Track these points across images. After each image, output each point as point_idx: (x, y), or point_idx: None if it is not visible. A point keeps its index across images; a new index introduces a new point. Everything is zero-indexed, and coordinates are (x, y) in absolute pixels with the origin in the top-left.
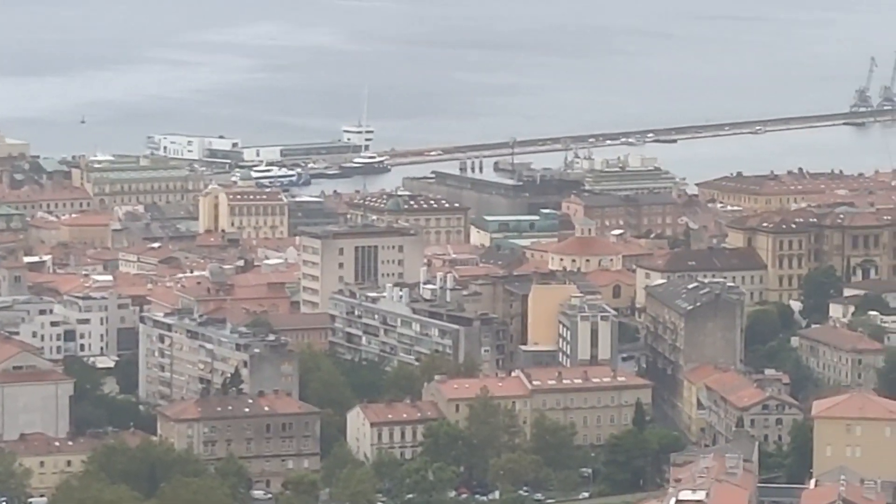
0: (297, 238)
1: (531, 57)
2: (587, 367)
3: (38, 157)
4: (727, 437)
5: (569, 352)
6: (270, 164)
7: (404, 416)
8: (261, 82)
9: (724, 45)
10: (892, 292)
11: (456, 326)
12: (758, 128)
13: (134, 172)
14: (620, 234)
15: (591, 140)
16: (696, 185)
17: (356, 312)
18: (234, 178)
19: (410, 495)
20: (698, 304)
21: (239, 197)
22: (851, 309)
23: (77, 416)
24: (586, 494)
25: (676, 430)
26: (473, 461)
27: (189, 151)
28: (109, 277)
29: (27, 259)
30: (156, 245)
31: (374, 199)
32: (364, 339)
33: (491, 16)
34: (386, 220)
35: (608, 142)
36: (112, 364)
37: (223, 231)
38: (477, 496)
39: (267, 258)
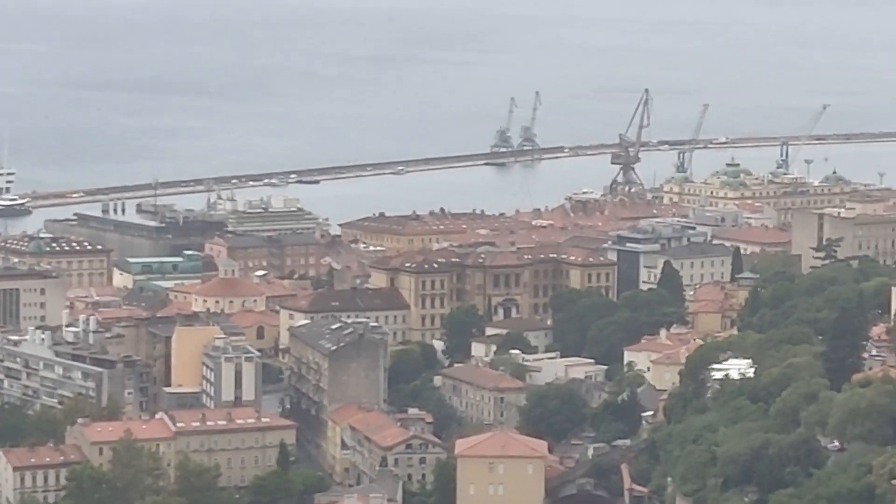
0: None
1: (181, 99)
2: (231, 408)
3: None
4: (371, 476)
5: (213, 393)
6: None
7: (47, 459)
8: None
9: (372, 86)
10: (533, 331)
11: (99, 369)
12: (400, 168)
13: None
14: (264, 275)
15: (234, 181)
16: (339, 225)
17: None
18: None
19: None
20: (342, 344)
21: None
22: (493, 348)
23: None
24: None
25: (321, 470)
26: None
27: None
28: None
29: None
30: None
31: (15, 242)
32: (6, 382)
33: (143, 59)
34: (27, 263)
35: (251, 183)
36: None
37: None
38: None
39: None
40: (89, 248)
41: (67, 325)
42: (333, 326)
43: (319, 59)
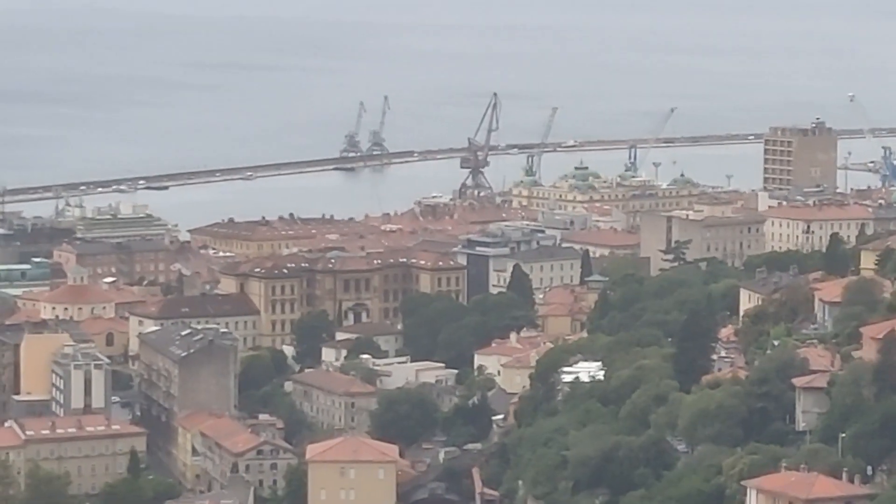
0: None
1: (27, 108)
2: (81, 415)
3: None
4: (222, 483)
5: (62, 401)
6: None
7: None
8: None
9: (221, 93)
10: (383, 335)
11: None
12: (249, 174)
13: None
14: (113, 282)
15: (82, 188)
16: (189, 231)
17: None
18: None
19: None
20: (192, 350)
21: None
22: (344, 353)
23: None
24: None
25: (172, 477)
26: None
27: None
28: None
29: None
30: None
31: None
32: None
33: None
34: None
35: (100, 189)
36: None
37: None
38: None
39: None
40: None
41: None
42: (183, 333)
43: (167, 66)
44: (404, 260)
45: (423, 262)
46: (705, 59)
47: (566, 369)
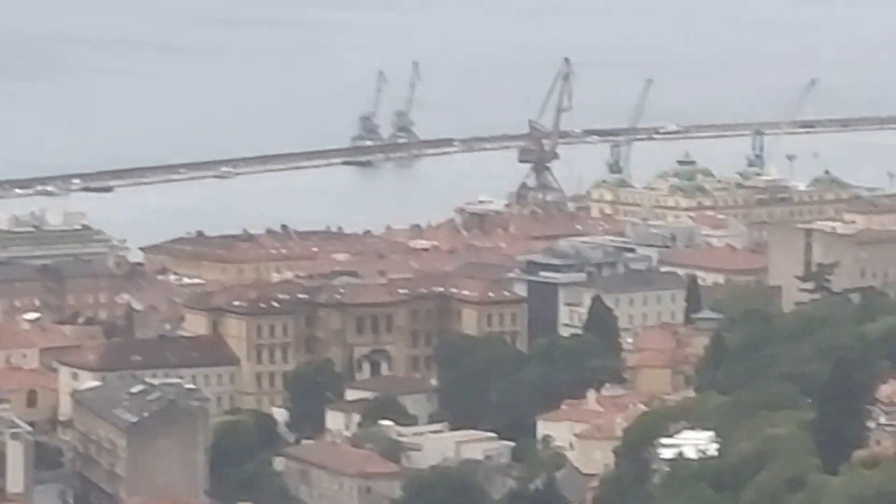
0: None
1: None
2: None
3: None
4: None
5: None
6: None
7: None
8: None
9: (200, 59)
10: (412, 394)
11: None
12: (226, 170)
13: None
14: (36, 319)
15: None
16: (141, 249)
17: None
18: None
19: None
20: (146, 414)
21: None
22: (357, 418)
23: None
24: None
25: None
26: None
27: None
28: None
29: None
30: None
31: None
32: None
33: None
34: None
35: (18, 191)
36: None
37: None
38: None
39: None
40: None
41: None
42: (134, 390)
43: (127, 23)
44: (441, 289)
45: (466, 293)
46: (861, 11)
47: (665, 441)
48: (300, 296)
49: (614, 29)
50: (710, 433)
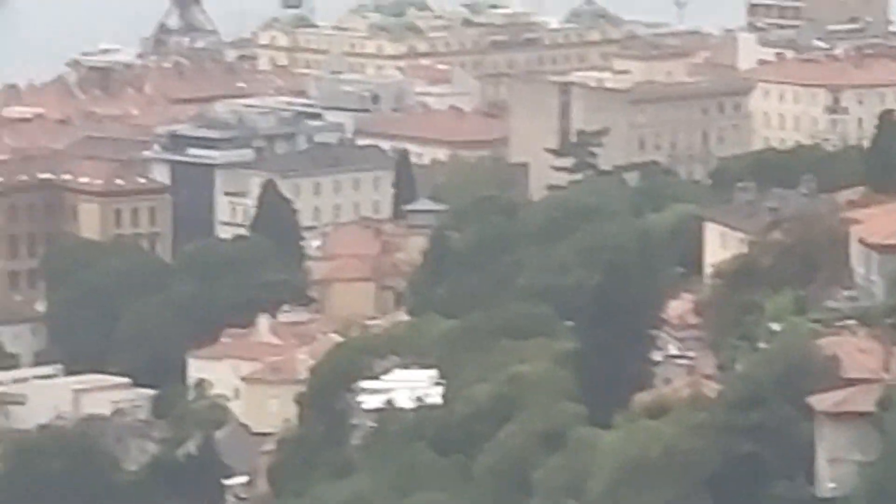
0: None
1: None
2: None
3: None
4: None
5: None
6: None
7: None
8: None
9: None
10: (10, 324)
11: None
12: None
13: None
14: None
15: None
16: None
17: None
18: None
19: None
20: None
21: None
22: None
23: None
24: None
25: None
26: None
27: None
28: None
29: None
30: None
31: None
32: None
33: None
34: None
35: None
36: None
37: None
38: None
39: None
40: None
41: None
42: None
43: None
44: (48, 176)
45: (84, 181)
46: None
47: (368, 385)
48: None
49: None
50: (432, 372)
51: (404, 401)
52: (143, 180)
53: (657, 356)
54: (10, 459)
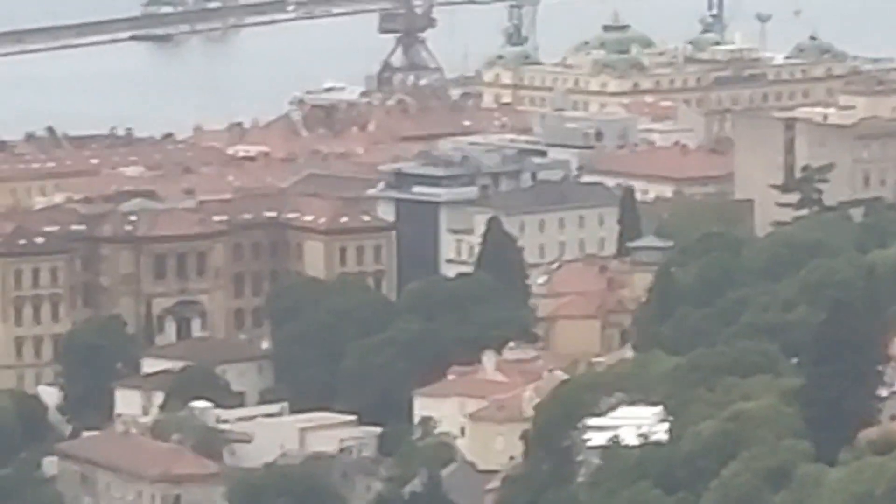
0: None
1: None
2: None
3: None
4: None
5: None
6: None
7: None
8: None
9: None
10: (236, 362)
11: None
12: None
13: None
14: None
15: None
16: None
17: None
18: None
19: None
20: None
21: None
22: (159, 398)
23: None
24: None
25: None
26: None
27: None
28: None
29: None
30: None
31: None
32: None
33: None
34: None
35: None
36: None
37: None
38: None
39: None
40: None
41: None
42: None
43: None
44: (273, 214)
45: (309, 219)
46: None
47: (594, 423)
48: (75, 227)
49: None
50: (657, 409)
51: (630, 438)
52: (367, 218)
53: (883, 392)
54: (237, 498)
